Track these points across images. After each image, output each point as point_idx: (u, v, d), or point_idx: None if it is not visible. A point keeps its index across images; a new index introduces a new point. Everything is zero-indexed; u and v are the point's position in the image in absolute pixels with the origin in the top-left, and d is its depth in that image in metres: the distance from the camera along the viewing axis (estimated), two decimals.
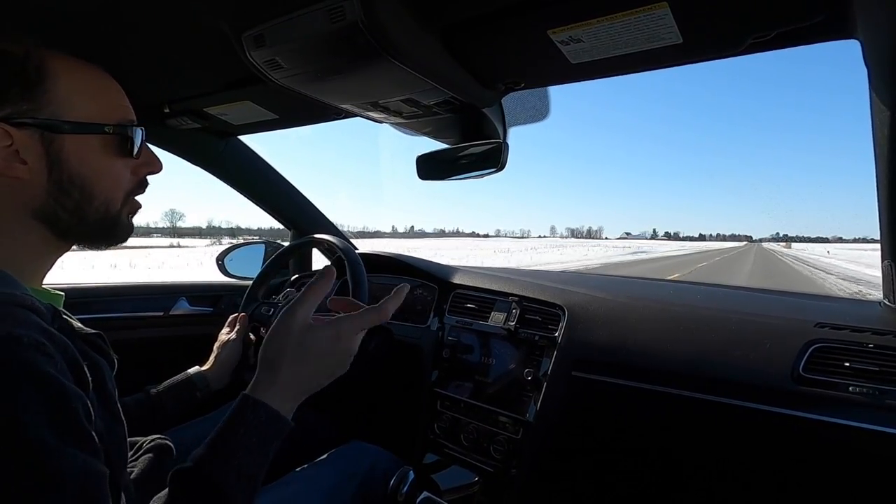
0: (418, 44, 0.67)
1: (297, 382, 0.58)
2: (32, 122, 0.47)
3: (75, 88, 0.51)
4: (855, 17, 0.57)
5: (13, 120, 0.46)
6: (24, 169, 0.47)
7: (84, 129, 0.51)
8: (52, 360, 0.39)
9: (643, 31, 0.63)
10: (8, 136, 0.46)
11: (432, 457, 1.15)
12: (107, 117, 0.53)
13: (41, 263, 0.53)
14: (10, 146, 0.46)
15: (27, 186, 0.48)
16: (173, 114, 1.09)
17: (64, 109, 0.49)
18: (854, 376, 0.75)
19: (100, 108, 0.52)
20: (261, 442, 0.53)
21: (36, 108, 0.48)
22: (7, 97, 0.46)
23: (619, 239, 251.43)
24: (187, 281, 1.55)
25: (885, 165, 0.68)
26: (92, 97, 0.52)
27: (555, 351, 1.01)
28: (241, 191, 1.48)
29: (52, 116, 0.48)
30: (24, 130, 0.47)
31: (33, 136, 0.48)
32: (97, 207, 0.52)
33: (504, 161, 0.96)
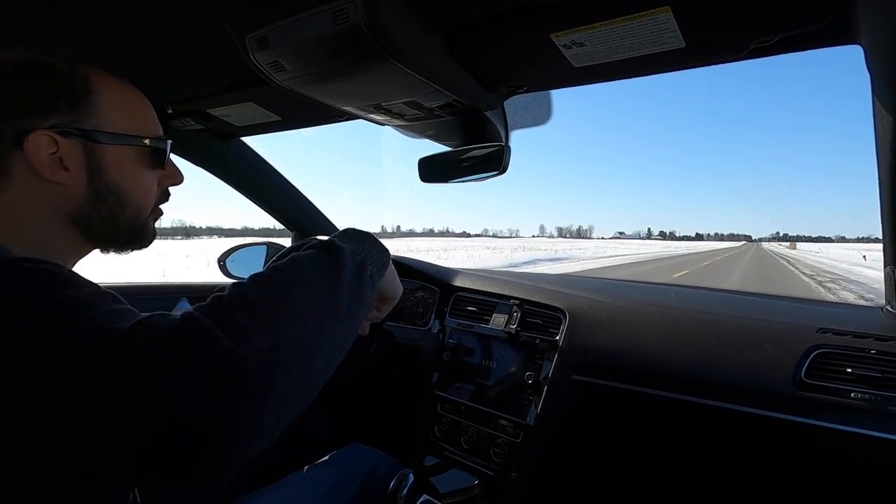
0: (421, 46, 0.67)
1: None
2: (77, 132, 0.51)
3: (115, 103, 0.55)
4: (857, 22, 0.57)
5: (60, 129, 0.50)
6: (66, 175, 0.51)
7: (124, 141, 0.55)
8: None
9: (646, 36, 0.63)
10: (55, 143, 0.50)
11: (432, 459, 1.15)
12: (143, 131, 0.57)
13: (70, 264, 0.55)
14: (55, 153, 0.50)
15: (67, 191, 0.52)
16: (176, 115, 1.09)
17: (105, 122, 0.53)
18: (856, 382, 0.75)
19: (136, 122, 0.57)
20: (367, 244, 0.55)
21: (81, 119, 0.52)
22: (56, 108, 0.50)
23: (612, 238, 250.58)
24: (189, 282, 1.55)
25: (888, 170, 0.68)
26: (130, 111, 0.57)
27: (555, 354, 1.01)
28: (243, 192, 1.48)
29: (95, 127, 0.53)
30: (69, 139, 0.51)
31: (77, 145, 0.51)
32: (129, 214, 0.56)
33: (506, 164, 0.96)
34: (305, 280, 0.45)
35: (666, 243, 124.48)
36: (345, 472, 0.85)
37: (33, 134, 0.49)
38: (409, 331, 1.26)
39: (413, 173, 1.10)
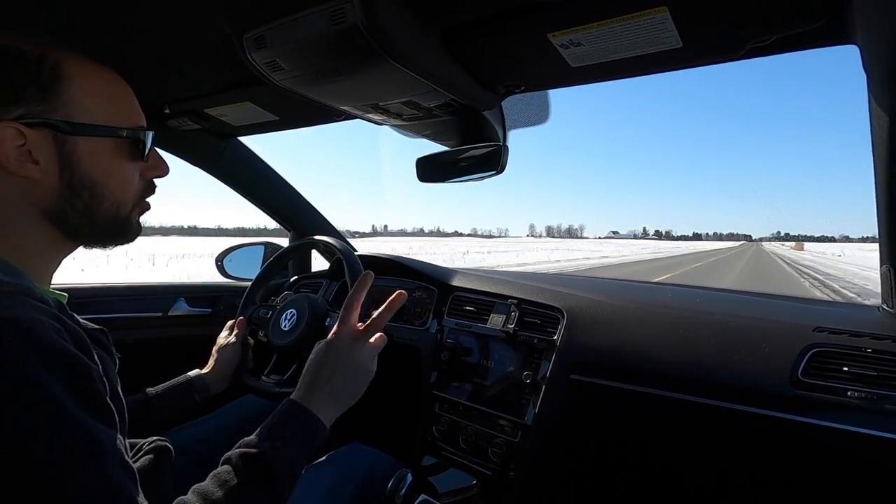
0: (419, 46, 0.67)
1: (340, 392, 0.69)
2: (46, 123, 0.48)
3: (90, 91, 0.51)
4: (854, 23, 0.57)
5: (27, 120, 0.47)
6: (35, 169, 0.48)
7: (98, 132, 0.51)
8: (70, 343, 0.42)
9: (643, 35, 0.63)
10: (21, 135, 0.47)
11: (430, 459, 1.15)
12: (120, 121, 0.54)
13: (49, 263, 0.53)
14: (22, 146, 0.47)
15: (38, 186, 0.49)
16: (174, 114, 1.09)
17: (78, 111, 0.50)
18: (853, 381, 0.75)
19: (113, 111, 0.53)
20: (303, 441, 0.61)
21: (50, 109, 0.48)
22: (22, 97, 0.47)
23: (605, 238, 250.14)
24: (186, 282, 1.55)
25: (884, 170, 0.69)
26: (106, 100, 0.53)
27: (553, 354, 1.01)
28: (240, 192, 1.48)
29: (66, 118, 0.49)
30: (38, 131, 0.48)
31: (46, 136, 0.48)
32: (107, 209, 0.53)
33: (504, 164, 0.96)
34: None
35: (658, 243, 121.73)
36: (343, 471, 0.84)
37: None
38: (406, 331, 1.26)
39: (406, 173, 1.11)
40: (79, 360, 0.41)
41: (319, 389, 0.67)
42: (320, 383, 0.68)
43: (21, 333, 0.39)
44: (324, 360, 0.70)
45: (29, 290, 0.43)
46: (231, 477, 0.53)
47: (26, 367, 0.38)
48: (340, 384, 0.69)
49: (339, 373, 0.69)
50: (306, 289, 1.39)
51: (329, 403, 0.67)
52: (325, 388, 0.67)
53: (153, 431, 0.69)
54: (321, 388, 0.67)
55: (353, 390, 0.72)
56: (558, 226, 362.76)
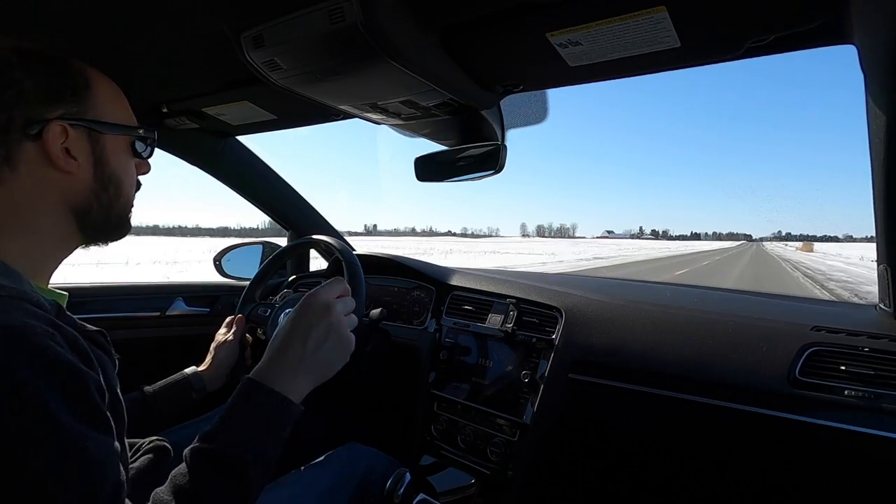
0: (417, 45, 0.67)
1: (314, 362, 0.63)
2: (82, 122, 0.52)
3: (108, 95, 0.56)
4: (851, 23, 0.57)
5: (67, 119, 0.51)
6: (75, 164, 0.52)
7: (122, 131, 0.57)
8: (65, 349, 0.42)
9: (641, 35, 0.63)
10: (65, 133, 0.51)
11: (429, 459, 1.15)
12: (130, 121, 0.59)
13: (53, 260, 0.55)
14: (64, 143, 0.51)
15: (74, 182, 0.52)
16: (171, 114, 1.09)
17: (104, 112, 0.55)
18: (849, 380, 0.76)
19: (125, 113, 0.58)
20: (268, 424, 0.56)
21: (83, 110, 0.53)
22: (61, 98, 0.51)
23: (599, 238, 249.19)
24: (184, 281, 1.55)
25: (881, 170, 0.69)
26: (118, 103, 0.58)
27: (552, 353, 1.01)
28: (238, 191, 1.47)
29: (96, 118, 0.54)
30: (76, 129, 0.52)
31: (82, 135, 0.53)
32: (122, 204, 0.58)
33: (502, 163, 0.96)
34: None
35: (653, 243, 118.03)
36: (341, 471, 0.84)
37: (51, 123, 0.49)
38: (405, 330, 1.26)
39: (400, 172, 1.11)
40: (72, 366, 0.41)
41: (284, 361, 0.61)
42: (287, 354, 0.61)
43: (12, 340, 0.38)
44: (294, 328, 0.64)
45: (24, 294, 0.43)
46: (185, 480, 0.50)
47: (17, 375, 0.37)
48: (313, 352, 0.63)
49: (313, 341, 0.63)
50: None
51: (299, 379, 0.61)
52: (293, 358, 0.61)
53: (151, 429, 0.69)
54: (287, 360, 0.61)
55: (331, 359, 0.65)
56: (549, 225, 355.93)
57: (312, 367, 0.62)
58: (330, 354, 0.65)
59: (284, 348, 0.62)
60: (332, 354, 0.65)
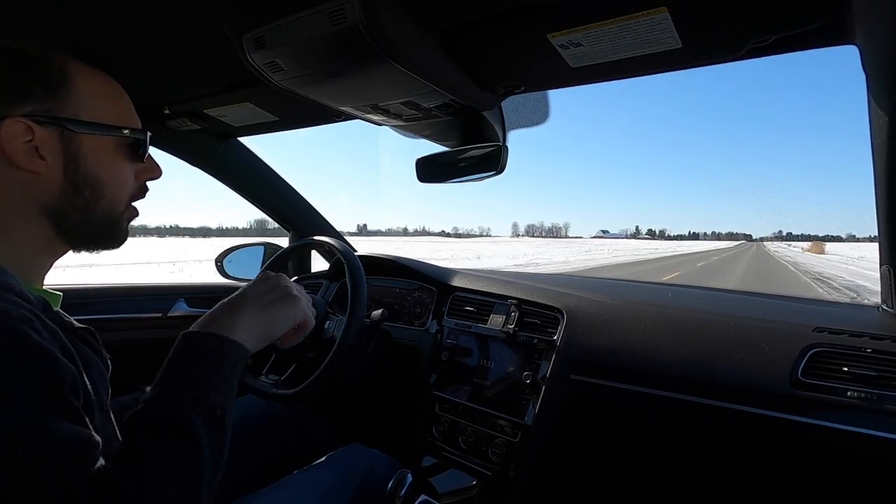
0: (418, 46, 0.67)
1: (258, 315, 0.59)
2: (53, 120, 0.50)
3: (93, 92, 0.53)
4: (853, 23, 0.57)
5: (36, 117, 0.49)
6: (41, 164, 0.50)
7: (103, 131, 0.54)
8: (41, 335, 0.41)
9: (643, 36, 0.63)
10: (30, 131, 0.49)
11: (430, 460, 1.15)
12: (121, 121, 0.56)
13: (41, 263, 0.54)
14: (30, 141, 0.49)
15: (42, 182, 0.50)
16: (173, 115, 1.09)
17: (84, 110, 0.52)
18: (852, 381, 0.75)
19: (114, 112, 0.55)
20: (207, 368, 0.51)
21: (58, 107, 0.50)
22: (30, 95, 0.49)
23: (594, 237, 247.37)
24: (186, 282, 1.55)
25: (884, 170, 0.69)
26: (107, 102, 0.55)
27: (553, 354, 1.01)
28: (240, 192, 1.48)
29: (73, 116, 0.51)
30: (46, 128, 0.49)
31: (53, 134, 0.50)
32: (103, 208, 0.55)
33: (504, 164, 0.96)
34: None
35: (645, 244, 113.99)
36: (343, 472, 0.84)
37: (7, 120, 0.47)
38: (406, 331, 1.26)
39: (399, 172, 1.11)
40: (47, 352, 0.40)
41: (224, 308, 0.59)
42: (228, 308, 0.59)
43: None
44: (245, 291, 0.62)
45: (6, 284, 0.43)
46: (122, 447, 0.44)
47: None
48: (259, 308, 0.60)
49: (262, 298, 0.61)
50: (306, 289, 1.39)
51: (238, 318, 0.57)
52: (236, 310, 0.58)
53: None
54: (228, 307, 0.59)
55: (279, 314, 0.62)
56: (540, 224, 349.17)
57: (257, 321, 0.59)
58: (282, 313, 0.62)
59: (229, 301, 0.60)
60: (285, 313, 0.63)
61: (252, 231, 33.09)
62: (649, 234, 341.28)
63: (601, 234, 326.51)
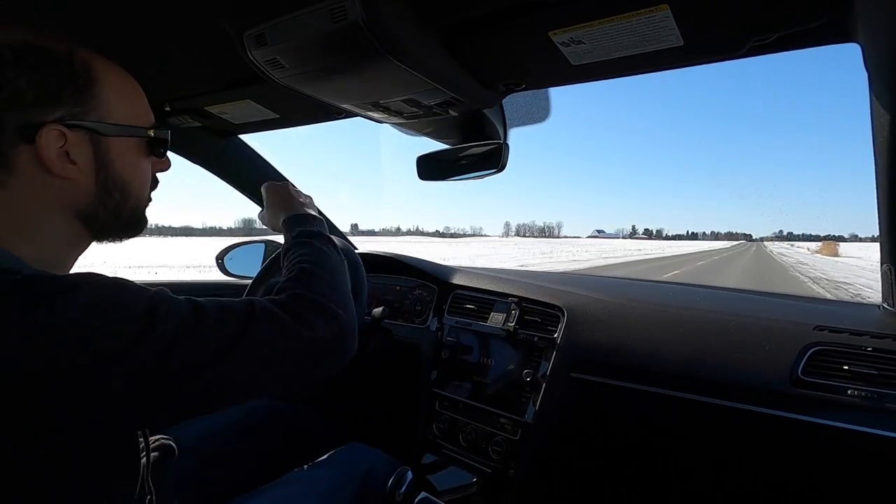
0: (419, 44, 0.67)
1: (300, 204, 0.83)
2: (83, 124, 0.49)
3: (116, 92, 0.52)
4: (856, 21, 0.57)
5: (66, 122, 0.47)
6: (74, 170, 0.49)
7: (130, 133, 0.53)
8: None
9: (644, 34, 0.63)
10: (63, 137, 0.47)
11: (431, 457, 1.15)
12: (143, 121, 0.55)
13: (68, 260, 0.54)
14: (62, 147, 0.47)
15: (75, 187, 0.50)
16: (174, 112, 1.09)
17: (109, 113, 0.51)
18: (853, 380, 0.75)
19: (136, 111, 0.55)
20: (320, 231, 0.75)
21: (85, 111, 0.49)
22: (60, 99, 0.47)
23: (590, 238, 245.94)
24: (187, 280, 1.55)
25: (885, 168, 0.69)
26: (130, 100, 0.54)
27: (554, 352, 1.01)
28: (240, 189, 1.48)
29: (99, 119, 0.50)
30: (76, 132, 0.48)
31: (83, 138, 0.49)
32: (131, 205, 0.55)
33: (504, 162, 0.96)
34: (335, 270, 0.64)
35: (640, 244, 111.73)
36: (343, 470, 0.84)
37: (45, 128, 0.46)
38: (407, 329, 1.26)
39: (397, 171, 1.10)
40: None
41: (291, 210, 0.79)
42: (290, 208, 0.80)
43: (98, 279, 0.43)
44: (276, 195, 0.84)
45: None
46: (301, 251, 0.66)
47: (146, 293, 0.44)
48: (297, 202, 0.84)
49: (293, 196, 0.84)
50: None
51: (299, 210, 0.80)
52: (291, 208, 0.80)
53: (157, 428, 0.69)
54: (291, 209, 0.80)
55: None
56: (530, 223, 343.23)
57: None
58: None
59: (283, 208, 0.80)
60: None
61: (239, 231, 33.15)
62: (646, 233, 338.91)
63: (597, 233, 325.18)
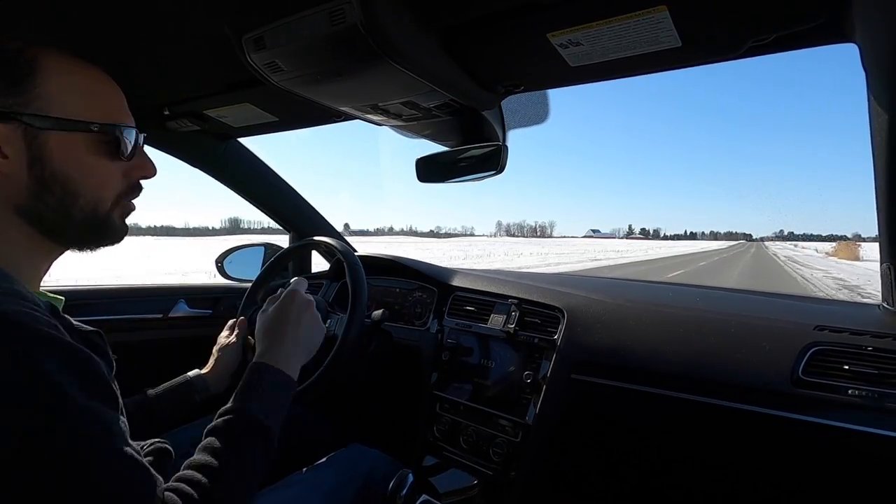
0: (418, 46, 0.67)
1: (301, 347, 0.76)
2: (15, 116, 0.47)
3: (67, 86, 0.51)
4: (853, 21, 0.57)
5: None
6: (4, 162, 0.48)
7: (68, 127, 0.50)
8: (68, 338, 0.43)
9: (642, 35, 0.63)
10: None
11: (431, 459, 1.15)
12: (97, 117, 0.52)
13: (35, 264, 0.53)
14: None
15: (7, 180, 0.49)
16: (173, 116, 1.09)
17: (52, 106, 0.49)
18: (853, 379, 0.75)
19: (91, 107, 0.52)
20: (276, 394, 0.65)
21: (22, 102, 0.48)
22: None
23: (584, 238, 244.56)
24: (186, 283, 1.55)
25: (884, 168, 0.69)
26: (84, 96, 0.52)
27: (554, 353, 1.01)
28: (240, 193, 1.48)
29: (37, 111, 0.48)
30: (7, 124, 0.47)
31: (16, 130, 0.48)
32: (83, 206, 0.52)
33: (504, 163, 0.96)
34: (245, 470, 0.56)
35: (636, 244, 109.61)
36: (344, 472, 0.84)
37: None
38: (407, 331, 1.26)
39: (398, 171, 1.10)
40: (78, 348, 0.43)
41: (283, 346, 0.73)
42: (283, 339, 0.74)
43: (19, 326, 0.40)
44: (282, 317, 0.77)
45: (18, 292, 0.43)
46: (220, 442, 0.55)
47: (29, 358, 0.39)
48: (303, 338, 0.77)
49: (301, 327, 0.78)
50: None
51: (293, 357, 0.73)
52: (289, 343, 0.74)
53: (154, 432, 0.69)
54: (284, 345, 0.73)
55: (314, 343, 0.80)
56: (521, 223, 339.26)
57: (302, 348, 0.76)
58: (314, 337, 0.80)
59: (280, 333, 0.74)
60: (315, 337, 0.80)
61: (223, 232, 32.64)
62: (642, 233, 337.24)
63: (591, 233, 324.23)
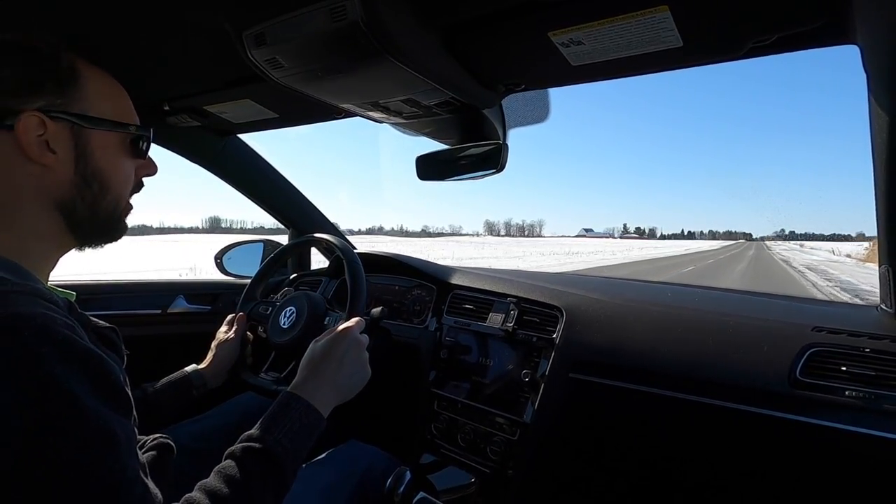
0: (419, 44, 0.67)
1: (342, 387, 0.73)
2: (65, 115, 0.52)
3: (100, 90, 0.55)
4: (854, 23, 0.57)
5: (48, 112, 0.50)
6: (53, 158, 0.51)
7: (111, 127, 0.56)
8: (85, 340, 0.44)
9: (644, 34, 0.63)
10: (42, 125, 0.50)
11: (429, 457, 1.15)
12: (125, 119, 0.58)
13: (49, 258, 0.55)
14: (42, 136, 0.50)
15: (53, 175, 0.52)
16: (173, 111, 1.09)
17: (92, 107, 0.54)
18: (850, 381, 0.76)
19: (119, 110, 0.57)
20: (303, 431, 0.63)
21: (68, 103, 0.52)
22: (42, 90, 0.50)
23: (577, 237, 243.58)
24: (185, 279, 1.55)
25: (884, 170, 0.69)
26: (113, 99, 0.57)
27: (552, 352, 1.01)
28: (239, 189, 1.47)
29: (82, 112, 0.53)
30: (57, 122, 0.51)
31: (64, 128, 0.52)
32: (109, 202, 0.56)
33: (504, 162, 0.96)
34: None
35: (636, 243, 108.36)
36: (342, 469, 0.85)
37: (24, 114, 0.49)
38: (406, 329, 1.26)
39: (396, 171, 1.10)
40: (94, 352, 0.43)
41: (321, 382, 0.70)
42: (323, 376, 0.71)
43: (35, 329, 0.40)
44: (330, 353, 0.74)
45: (38, 291, 0.45)
46: (235, 472, 0.55)
47: (42, 363, 0.39)
48: (344, 379, 0.73)
49: (346, 367, 0.74)
50: (306, 286, 1.39)
51: (329, 396, 0.70)
52: (328, 381, 0.71)
53: (152, 427, 0.70)
54: (323, 381, 0.70)
55: (354, 386, 0.76)
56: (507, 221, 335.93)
57: (340, 389, 0.73)
58: (356, 380, 0.76)
59: (322, 369, 0.72)
60: (358, 381, 0.77)
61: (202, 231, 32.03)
62: (637, 232, 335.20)
63: (584, 232, 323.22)
